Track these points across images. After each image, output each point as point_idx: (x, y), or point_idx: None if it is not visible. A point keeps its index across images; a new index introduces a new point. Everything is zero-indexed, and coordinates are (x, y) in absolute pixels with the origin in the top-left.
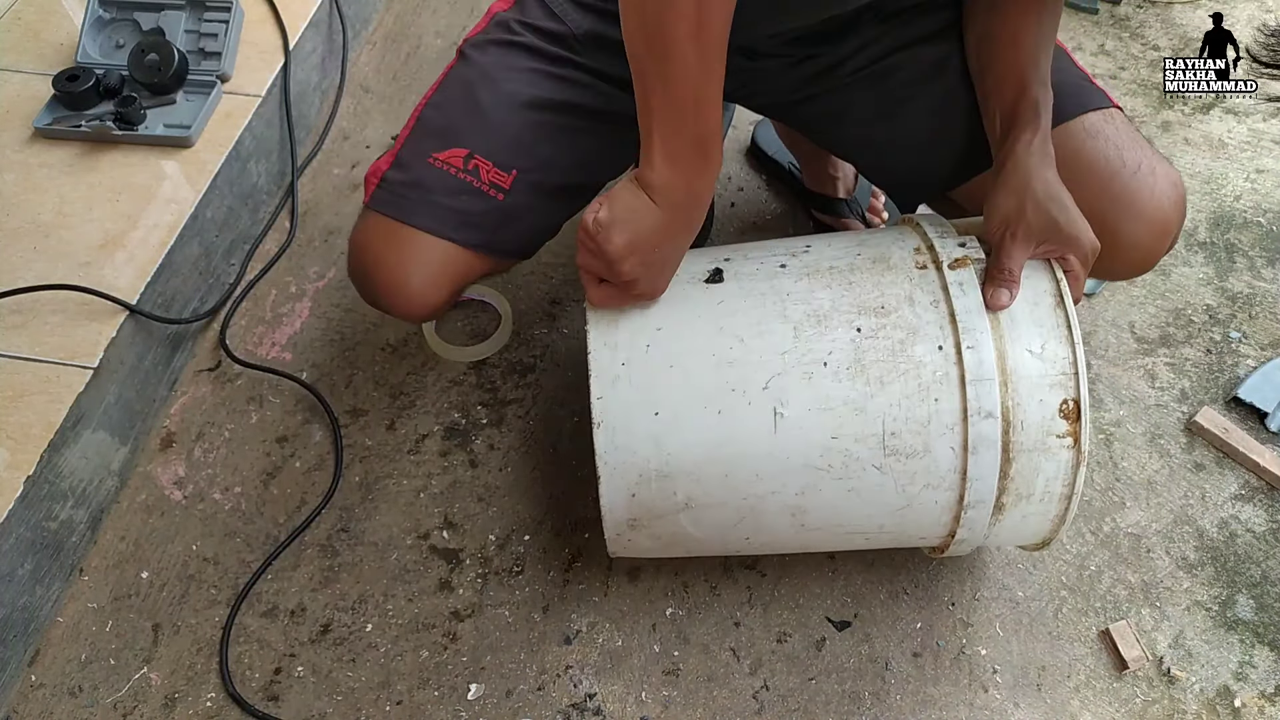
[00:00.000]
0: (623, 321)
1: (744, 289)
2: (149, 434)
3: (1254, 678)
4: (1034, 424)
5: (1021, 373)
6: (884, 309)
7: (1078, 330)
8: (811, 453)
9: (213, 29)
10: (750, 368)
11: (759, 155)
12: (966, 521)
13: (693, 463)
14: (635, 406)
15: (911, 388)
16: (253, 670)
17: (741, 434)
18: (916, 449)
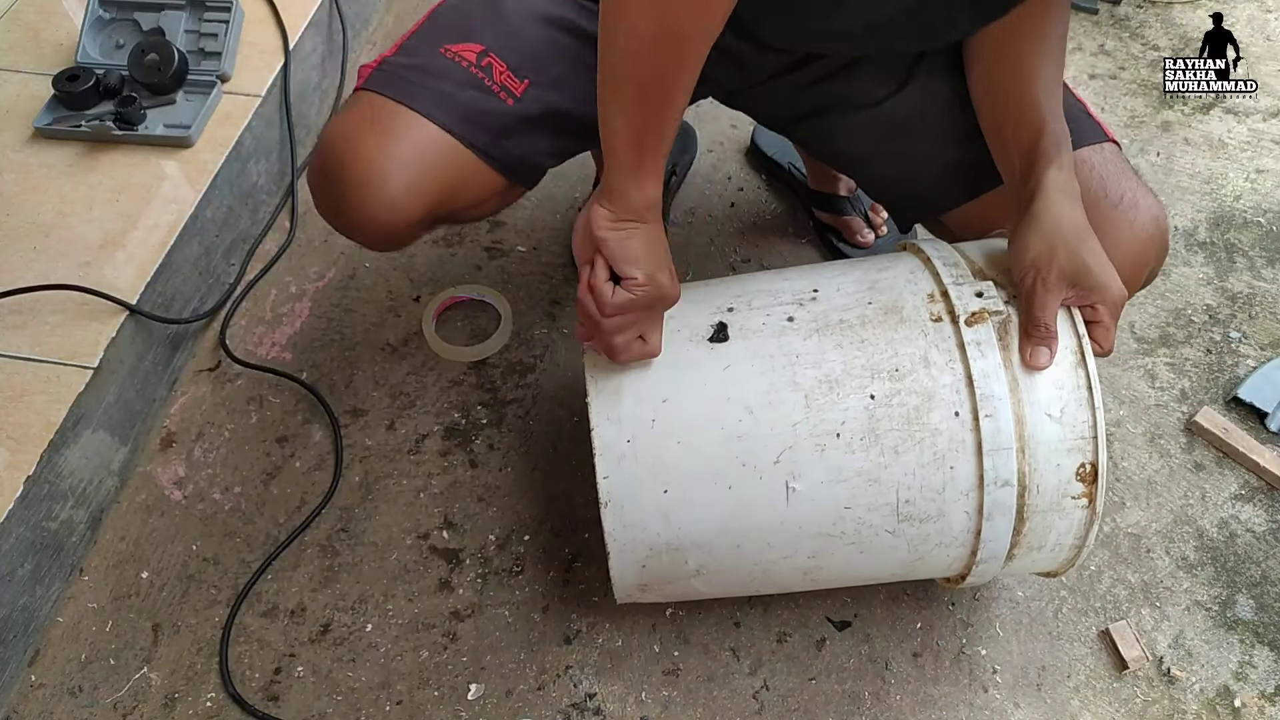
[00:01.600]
0: (625, 392)
1: (751, 350)
2: (149, 434)
3: (1254, 677)
4: (1050, 488)
5: (1040, 438)
6: (898, 371)
7: (1098, 391)
8: (824, 522)
9: (213, 29)
10: (760, 441)
11: (759, 155)
12: (976, 571)
13: (704, 536)
14: (643, 484)
15: (927, 456)
16: (253, 670)
17: (753, 508)
18: (930, 514)
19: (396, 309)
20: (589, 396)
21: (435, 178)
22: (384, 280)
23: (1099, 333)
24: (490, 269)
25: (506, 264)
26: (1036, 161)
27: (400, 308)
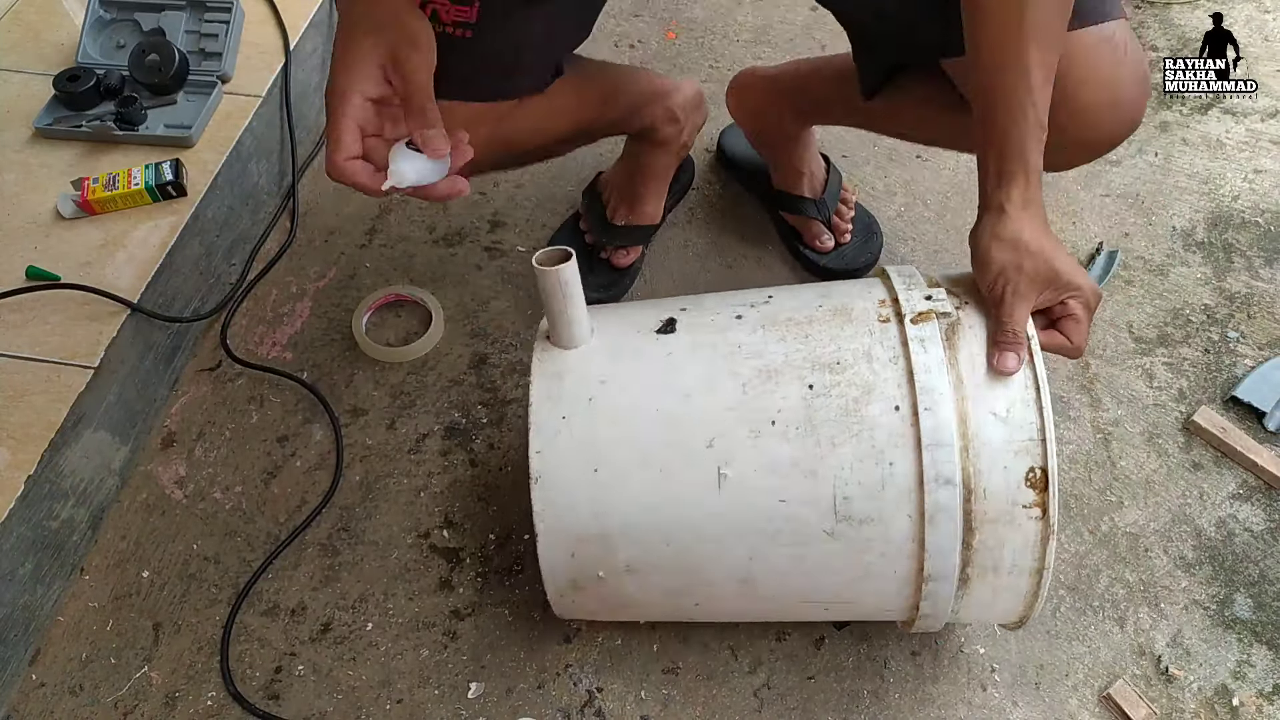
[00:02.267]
0: (567, 375)
1: (695, 341)
2: (150, 433)
3: (1252, 677)
4: (998, 492)
5: (984, 437)
6: (839, 365)
7: (1047, 392)
8: (758, 516)
9: (213, 29)
10: (692, 424)
11: (725, 160)
12: (929, 594)
13: (632, 524)
14: (575, 463)
15: (864, 449)
16: (253, 669)
17: (683, 494)
18: (870, 515)
19: (397, 308)
20: (531, 376)
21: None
22: (384, 280)
23: (1070, 326)
24: (490, 269)
25: (506, 264)
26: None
27: (400, 307)
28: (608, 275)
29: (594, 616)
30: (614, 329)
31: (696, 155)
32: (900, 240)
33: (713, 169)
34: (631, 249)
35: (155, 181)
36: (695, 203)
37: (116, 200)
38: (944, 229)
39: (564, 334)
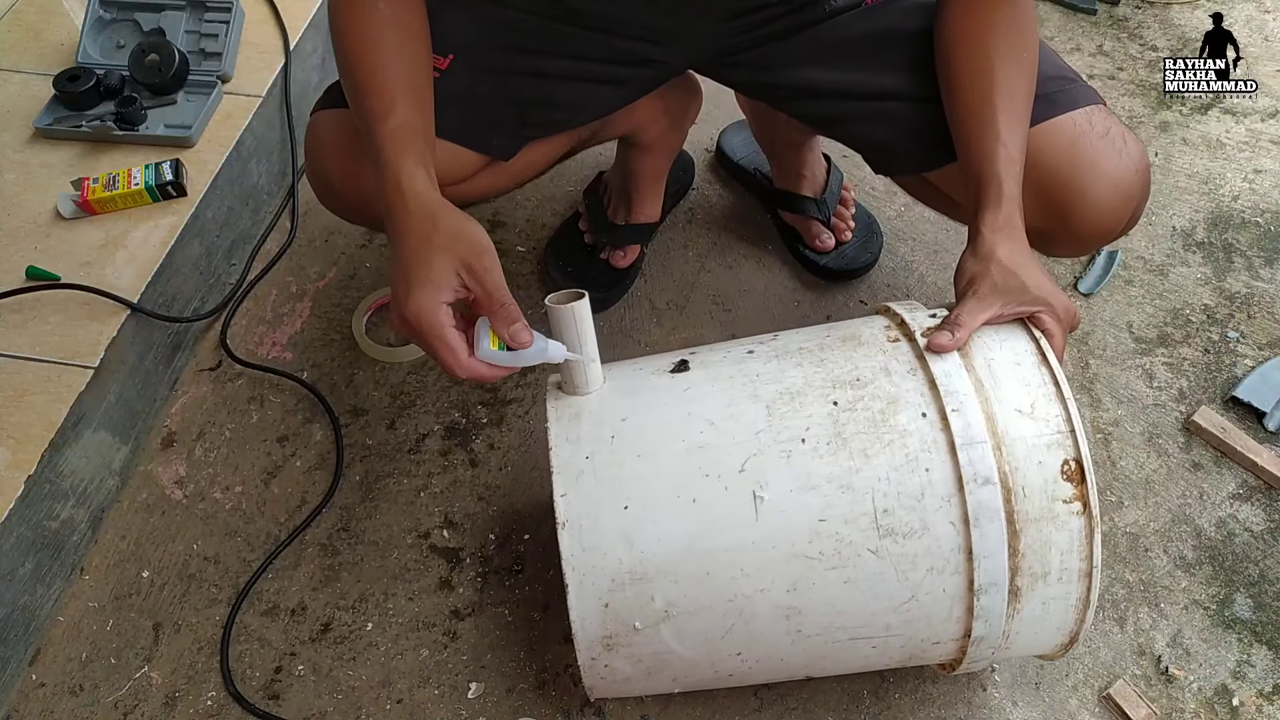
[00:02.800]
0: (585, 416)
1: (711, 375)
2: (150, 433)
3: (1252, 676)
4: (1036, 489)
5: (1014, 434)
6: (859, 381)
7: (1067, 387)
8: (799, 538)
9: (213, 29)
10: (723, 450)
11: (725, 161)
12: (981, 611)
13: (669, 559)
14: (603, 502)
15: (899, 458)
16: (253, 669)
17: (720, 522)
18: (914, 527)
19: None
20: (549, 421)
21: None
22: (384, 280)
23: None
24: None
25: (507, 264)
26: (981, 201)
27: None
28: (608, 276)
29: (629, 687)
30: (625, 373)
31: (696, 155)
32: (900, 240)
33: (713, 169)
34: (630, 250)
35: (155, 181)
36: (695, 203)
37: (116, 200)
38: (944, 229)
39: (579, 379)
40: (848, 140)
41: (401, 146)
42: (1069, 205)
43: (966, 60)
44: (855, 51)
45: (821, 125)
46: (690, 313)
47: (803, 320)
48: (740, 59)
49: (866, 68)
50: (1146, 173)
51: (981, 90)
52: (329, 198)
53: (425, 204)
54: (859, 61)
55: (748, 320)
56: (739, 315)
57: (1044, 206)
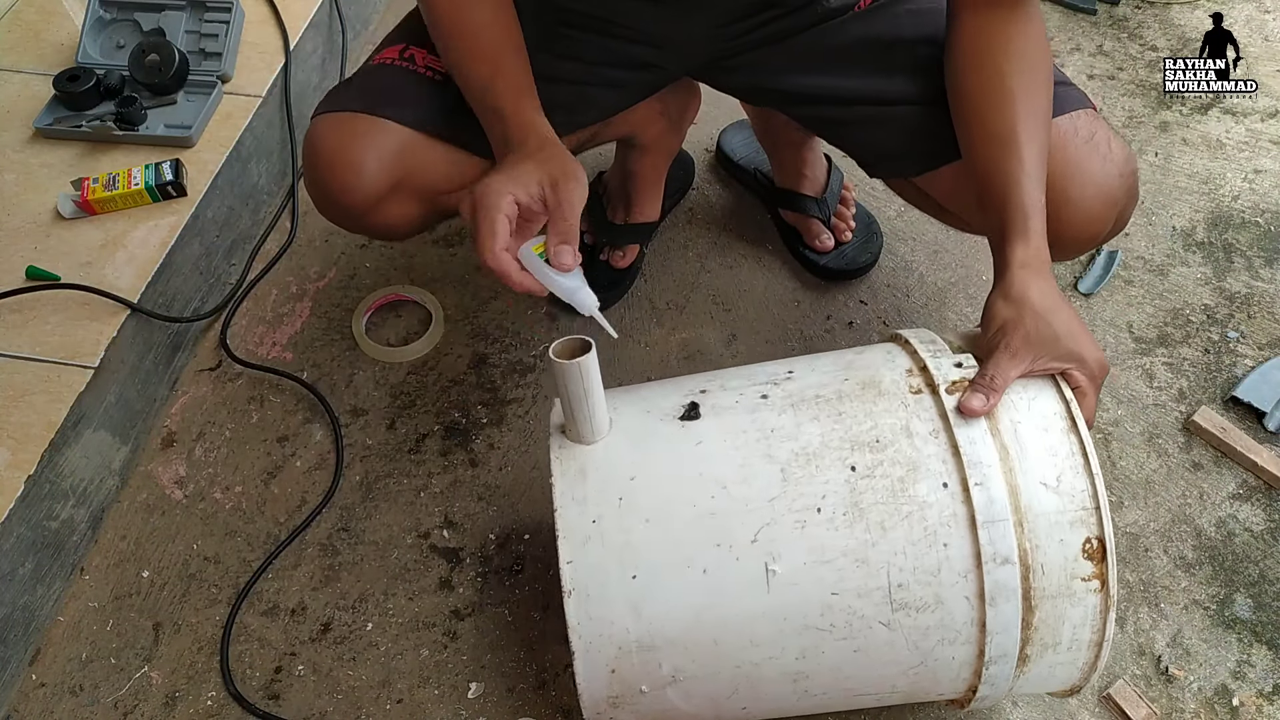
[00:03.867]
0: (591, 471)
1: (723, 426)
2: (150, 433)
3: (1252, 676)
4: (1055, 567)
5: (1038, 510)
6: (879, 442)
7: (1094, 457)
8: (810, 612)
9: (213, 29)
10: (735, 518)
11: (725, 161)
12: (989, 677)
13: (678, 630)
14: (610, 570)
15: (917, 532)
16: (253, 669)
17: (730, 595)
18: (928, 601)
19: (398, 309)
20: (554, 476)
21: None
22: (385, 280)
23: (1078, 400)
24: None
25: None
26: (1006, 234)
27: (401, 307)
28: (608, 276)
29: None
30: (632, 416)
31: (696, 155)
32: (900, 240)
33: (713, 169)
34: (630, 250)
35: (155, 181)
36: (695, 203)
37: (116, 200)
38: (944, 229)
39: (584, 429)
40: (841, 144)
41: (517, 95)
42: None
43: (984, 86)
44: (849, 57)
45: (816, 128)
46: (690, 313)
47: (803, 320)
48: (735, 63)
49: (859, 73)
50: (1132, 178)
51: (1004, 117)
52: (326, 206)
53: (540, 133)
54: (852, 67)
55: (748, 320)
56: (739, 315)
57: None
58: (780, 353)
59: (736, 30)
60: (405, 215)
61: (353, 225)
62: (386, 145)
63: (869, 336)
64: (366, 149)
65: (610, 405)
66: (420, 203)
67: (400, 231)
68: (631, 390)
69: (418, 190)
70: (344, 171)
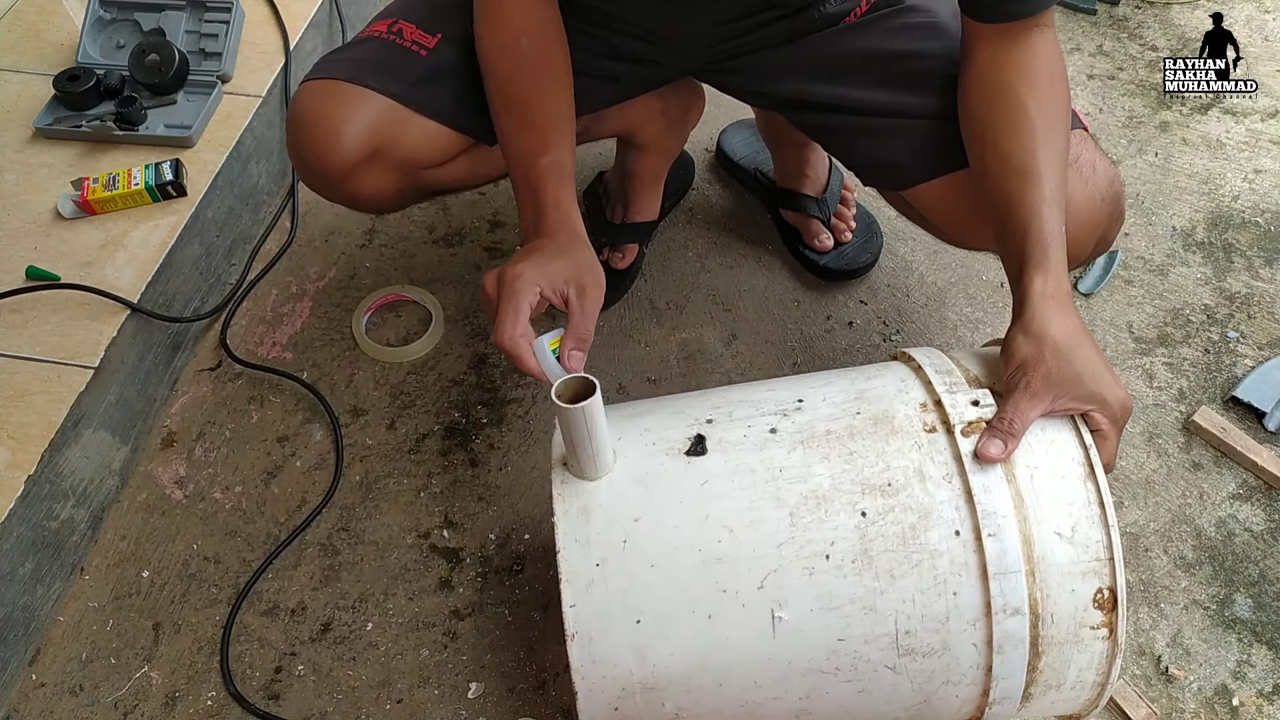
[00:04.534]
0: (595, 511)
1: (731, 464)
2: (150, 433)
3: (1252, 676)
4: (1065, 616)
5: (1051, 560)
6: (890, 486)
7: (1111, 507)
8: (816, 656)
9: (213, 29)
10: (742, 564)
11: (725, 161)
12: (991, 716)
13: (682, 673)
14: (614, 614)
15: (927, 581)
16: (253, 669)
17: (736, 640)
18: (934, 647)
19: (398, 309)
20: (556, 516)
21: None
22: (384, 280)
23: (1096, 441)
24: (490, 269)
25: None
26: (1026, 264)
27: (401, 307)
28: (608, 276)
29: None
30: (636, 449)
31: (696, 155)
32: (900, 240)
33: (713, 169)
34: (628, 250)
35: (155, 181)
36: (695, 203)
37: (116, 200)
38: None
39: (587, 468)
40: (835, 151)
41: (558, 181)
42: None
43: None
44: (846, 66)
45: (812, 134)
46: (690, 313)
47: (803, 320)
48: (734, 65)
49: (856, 84)
50: (1116, 200)
51: (1024, 147)
52: (304, 171)
53: (573, 229)
54: (849, 77)
55: (748, 320)
56: (739, 315)
57: None
58: (780, 353)
59: (735, 30)
60: (381, 186)
61: (331, 193)
62: (365, 114)
63: (869, 336)
64: (346, 117)
65: (612, 428)
66: (398, 175)
67: (377, 203)
68: (633, 412)
69: (395, 162)
70: (322, 137)
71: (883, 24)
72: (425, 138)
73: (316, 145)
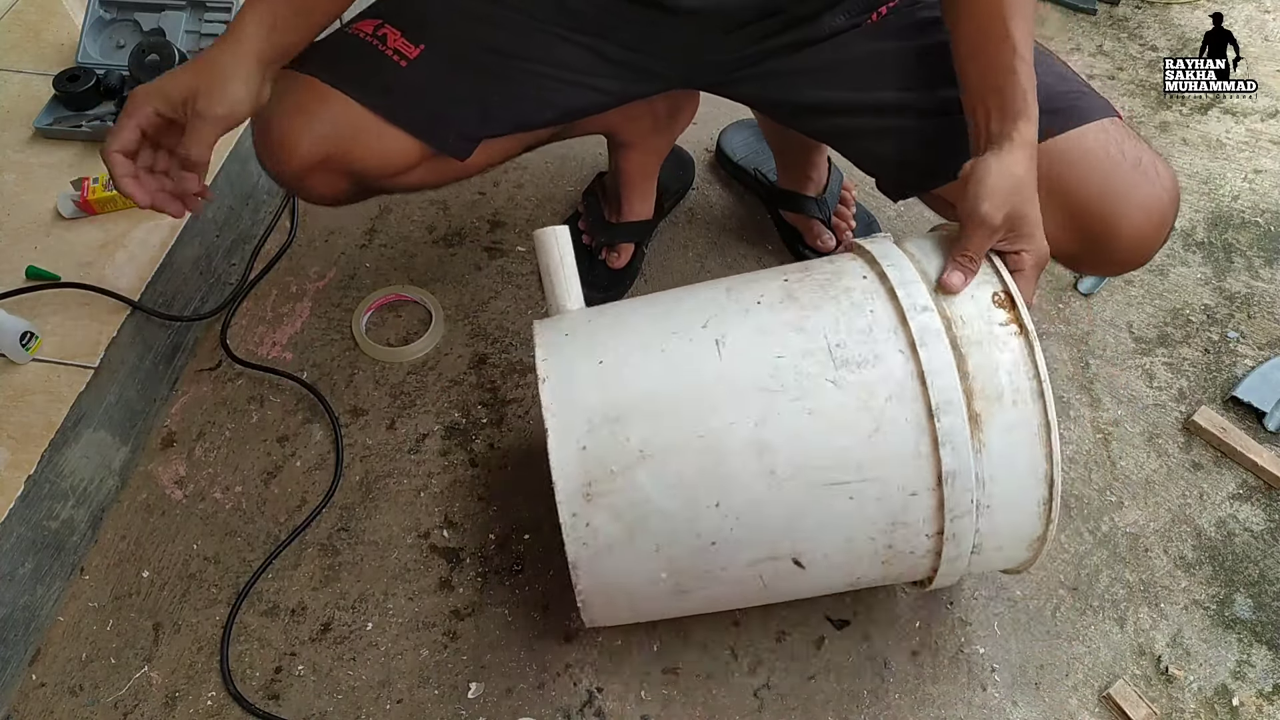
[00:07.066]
0: (566, 316)
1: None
2: (150, 433)
3: (1252, 676)
4: (973, 316)
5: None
6: (808, 269)
7: (1008, 275)
8: (760, 373)
9: (213, 29)
10: (686, 315)
11: (725, 161)
12: (945, 437)
13: (640, 397)
14: (578, 360)
15: (845, 306)
16: (253, 669)
17: (686, 365)
18: (866, 357)
19: (398, 309)
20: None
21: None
22: (384, 280)
23: (1020, 282)
24: (490, 269)
25: (507, 264)
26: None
27: (401, 307)
28: (607, 276)
29: (610, 546)
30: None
31: (696, 155)
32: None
33: (713, 169)
34: (624, 250)
35: None
36: (695, 203)
37: (117, 200)
38: None
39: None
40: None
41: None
42: (1106, 238)
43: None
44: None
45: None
46: None
47: None
48: (741, 75)
49: (875, 86)
50: (1177, 191)
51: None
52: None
53: (232, 42)
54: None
55: None
56: None
57: (1079, 236)
58: None
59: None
60: (333, 189)
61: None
62: (325, 121)
63: None
64: (304, 126)
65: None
66: (349, 180)
67: (329, 202)
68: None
69: (346, 171)
70: (277, 146)
71: (897, 22)
72: (388, 147)
73: (272, 150)
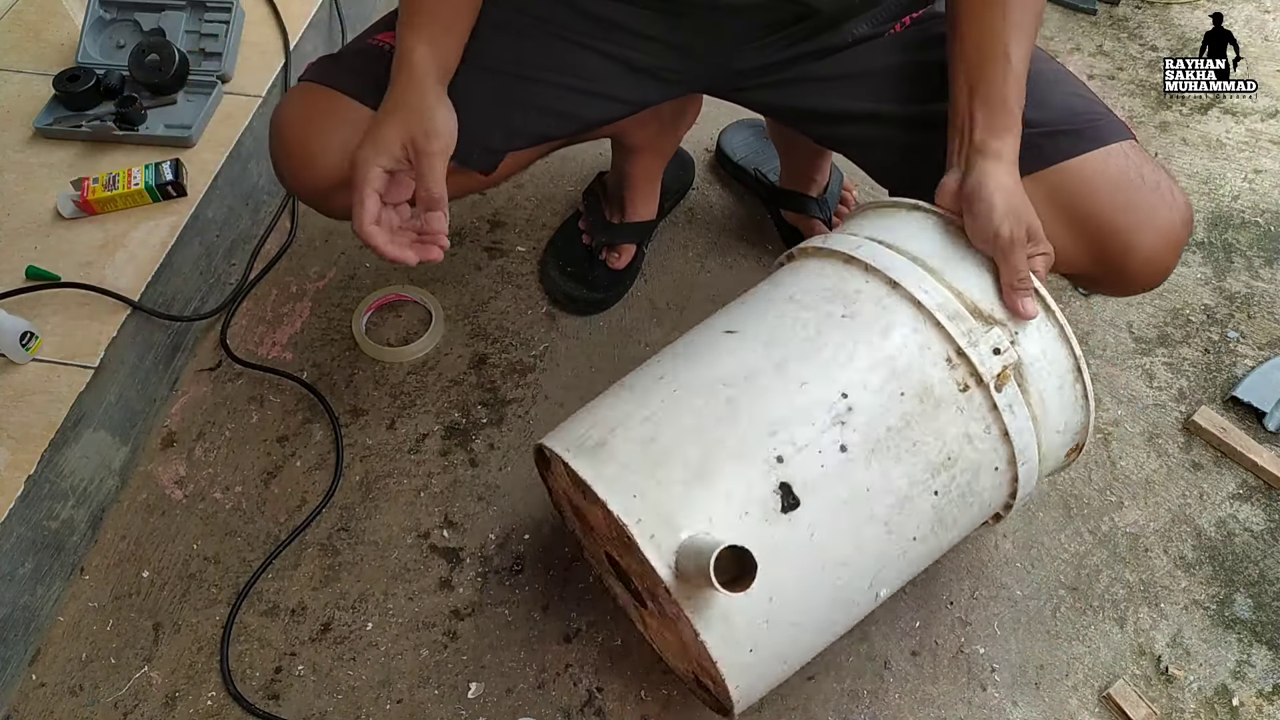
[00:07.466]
0: (734, 610)
1: (826, 505)
2: (150, 433)
3: (1252, 676)
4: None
5: (1045, 450)
6: (950, 460)
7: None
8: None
9: (213, 29)
10: (855, 580)
11: (725, 161)
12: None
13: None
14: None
15: (975, 514)
16: (253, 669)
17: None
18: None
19: (398, 309)
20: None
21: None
22: (384, 279)
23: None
24: (490, 269)
25: (507, 264)
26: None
27: (401, 306)
28: (607, 276)
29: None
30: (729, 522)
31: (696, 155)
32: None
33: (713, 169)
34: (625, 250)
35: (155, 181)
36: (695, 203)
37: (116, 200)
38: None
39: None
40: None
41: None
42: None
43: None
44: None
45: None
46: (690, 313)
47: None
48: (763, 81)
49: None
50: (1192, 218)
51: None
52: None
53: (414, 77)
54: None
55: None
56: None
57: (1096, 257)
58: None
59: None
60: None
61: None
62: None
63: None
64: (324, 143)
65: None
66: None
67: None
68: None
69: None
70: (299, 163)
71: (919, 36)
72: None
73: (294, 166)
